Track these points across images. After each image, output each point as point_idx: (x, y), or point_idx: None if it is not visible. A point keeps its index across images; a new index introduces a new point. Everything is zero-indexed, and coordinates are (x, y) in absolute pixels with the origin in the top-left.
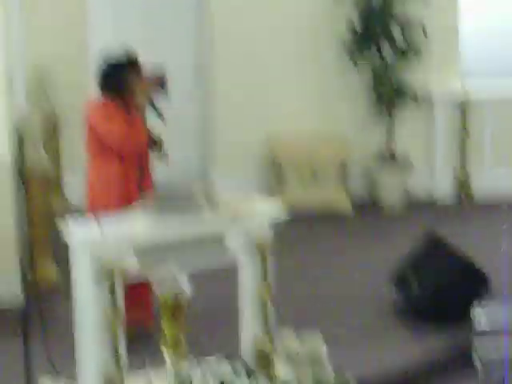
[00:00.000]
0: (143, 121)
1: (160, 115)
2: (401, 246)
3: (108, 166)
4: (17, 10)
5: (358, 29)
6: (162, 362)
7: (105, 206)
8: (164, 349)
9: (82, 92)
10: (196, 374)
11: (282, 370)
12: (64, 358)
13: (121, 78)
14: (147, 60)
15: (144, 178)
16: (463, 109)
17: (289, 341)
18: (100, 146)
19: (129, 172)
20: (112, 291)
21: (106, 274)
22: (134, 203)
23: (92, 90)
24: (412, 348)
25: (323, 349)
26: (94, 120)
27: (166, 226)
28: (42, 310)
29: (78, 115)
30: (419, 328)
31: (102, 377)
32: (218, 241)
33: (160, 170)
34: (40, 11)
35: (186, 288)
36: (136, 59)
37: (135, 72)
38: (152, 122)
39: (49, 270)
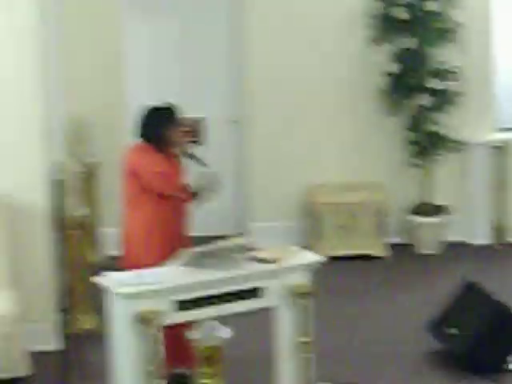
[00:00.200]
0: (181, 169)
1: (201, 162)
2: (438, 292)
3: (147, 211)
4: (55, 61)
5: (395, 79)
6: None
7: (145, 253)
8: None
9: (119, 143)
10: None
11: None
12: None
13: (160, 129)
14: (184, 110)
15: (182, 229)
16: (500, 156)
17: None
18: (140, 191)
19: (169, 218)
20: (150, 341)
21: (143, 323)
22: (175, 252)
23: (130, 139)
24: None
25: None
26: (137, 163)
27: (204, 278)
28: (81, 357)
29: (115, 165)
30: (456, 376)
31: None
32: (257, 290)
33: (197, 221)
34: (78, 63)
35: (225, 338)
36: (175, 111)
37: (174, 124)
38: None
39: (87, 319)
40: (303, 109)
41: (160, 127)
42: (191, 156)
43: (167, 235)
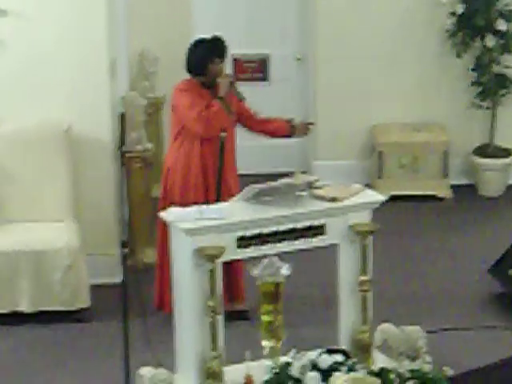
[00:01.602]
0: (225, 105)
1: (242, 97)
2: (501, 235)
3: (188, 149)
4: None
5: (461, 20)
6: (260, 348)
7: (182, 192)
8: (263, 335)
9: (184, 76)
10: (294, 363)
11: (380, 360)
12: (163, 343)
13: (204, 62)
14: (250, 48)
15: (225, 171)
16: None
17: (387, 331)
18: (181, 128)
19: (207, 159)
20: (212, 277)
21: (206, 259)
22: (212, 192)
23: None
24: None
25: (422, 341)
26: (177, 103)
27: (266, 213)
28: (141, 291)
29: None
30: None
31: (201, 366)
32: (318, 227)
33: (261, 159)
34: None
35: (286, 274)
36: (220, 43)
37: (217, 56)
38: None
39: (148, 253)
40: (368, 48)
41: (203, 59)
42: (233, 89)
43: (204, 175)
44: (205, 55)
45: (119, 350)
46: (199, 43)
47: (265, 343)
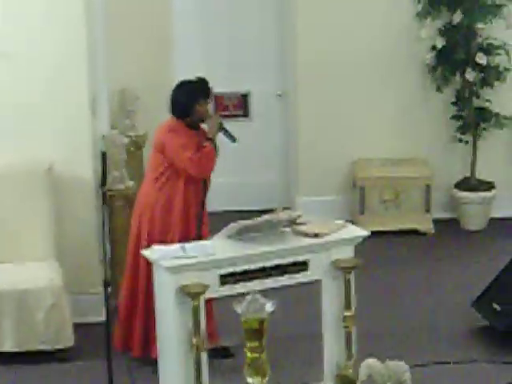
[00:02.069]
0: (215, 145)
1: (232, 138)
2: (483, 268)
3: (171, 188)
4: (101, 34)
5: (441, 54)
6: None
7: (164, 229)
8: (247, 372)
9: (165, 117)
10: None
11: None
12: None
13: (190, 104)
14: (231, 85)
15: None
16: None
17: (372, 366)
18: (168, 169)
19: (190, 197)
20: (195, 314)
21: (190, 297)
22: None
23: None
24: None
25: (407, 375)
26: (169, 143)
27: (249, 250)
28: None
29: None
30: (500, 351)
31: None
32: (301, 264)
33: (244, 196)
34: (125, 36)
35: (269, 311)
36: (205, 85)
37: (203, 97)
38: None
39: None
40: (349, 83)
41: (189, 101)
42: (222, 130)
43: (187, 213)
44: (191, 97)
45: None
46: (184, 85)
47: (250, 380)
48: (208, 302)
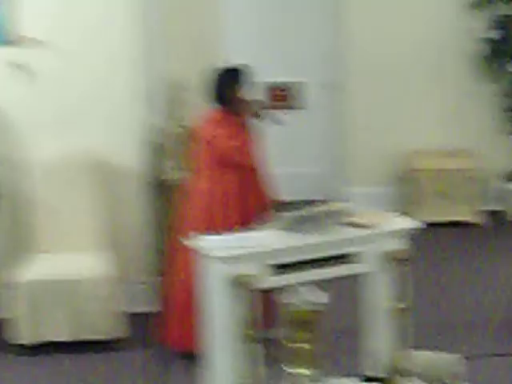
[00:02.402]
0: (253, 132)
1: (278, 121)
2: None
3: (227, 178)
4: (156, 23)
5: (494, 46)
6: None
7: (223, 219)
8: (298, 364)
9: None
10: None
11: None
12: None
13: (226, 90)
14: (282, 74)
15: (259, 196)
16: None
17: (425, 358)
18: (218, 159)
19: (246, 187)
20: (249, 303)
21: (242, 287)
22: (253, 219)
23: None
24: None
25: (460, 367)
26: (212, 136)
27: (301, 241)
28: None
29: None
30: None
31: None
32: (354, 255)
33: (294, 186)
34: (180, 25)
35: (321, 302)
36: (242, 72)
37: (239, 84)
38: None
39: None
40: (400, 74)
41: (222, 88)
42: (269, 115)
43: (243, 205)
44: (224, 84)
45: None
46: (218, 73)
47: (302, 371)
48: (265, 292)
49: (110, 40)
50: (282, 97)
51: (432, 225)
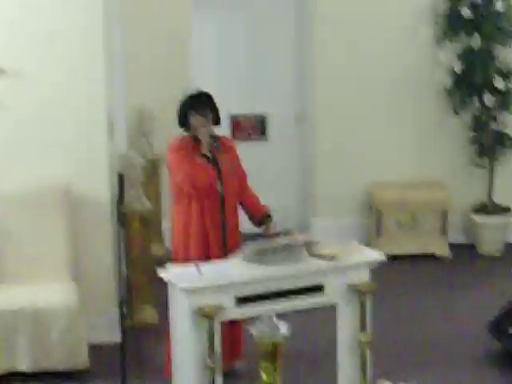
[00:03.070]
0: (211, 158)
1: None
2: (499, 293)
3: (186, 209)
4: (119, 55)
5: (459, 78)
6: None
7: (184, 251)
8: None
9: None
10: None
11: None
12: None
13: (182, 116)
14: (249, 108)
15: (228, 233)
16: None
17: None
18: (178, 187)
19: (206, 217)
20: (211, 336)
21: (205, 318)
22: (215, 250)
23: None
24: None
25: None
26: (169, 158)
27: (265, 273)
28: (139, 351)
29: None
30: None
31: None
32: (317, 287)
33: None
34: (142, 56)
35: (285, 334)
36: (199, 98)
37: (195, 111)
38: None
39: (147, 311)
40: (367, 106)
41: (181, 112)
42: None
43: (203, 231)
44: (182, 108)
45: None
46: (183, 98)
47: None
48: (233, 323)
49: (74, 68)
50: (248, 129)
51: (397, 257)
